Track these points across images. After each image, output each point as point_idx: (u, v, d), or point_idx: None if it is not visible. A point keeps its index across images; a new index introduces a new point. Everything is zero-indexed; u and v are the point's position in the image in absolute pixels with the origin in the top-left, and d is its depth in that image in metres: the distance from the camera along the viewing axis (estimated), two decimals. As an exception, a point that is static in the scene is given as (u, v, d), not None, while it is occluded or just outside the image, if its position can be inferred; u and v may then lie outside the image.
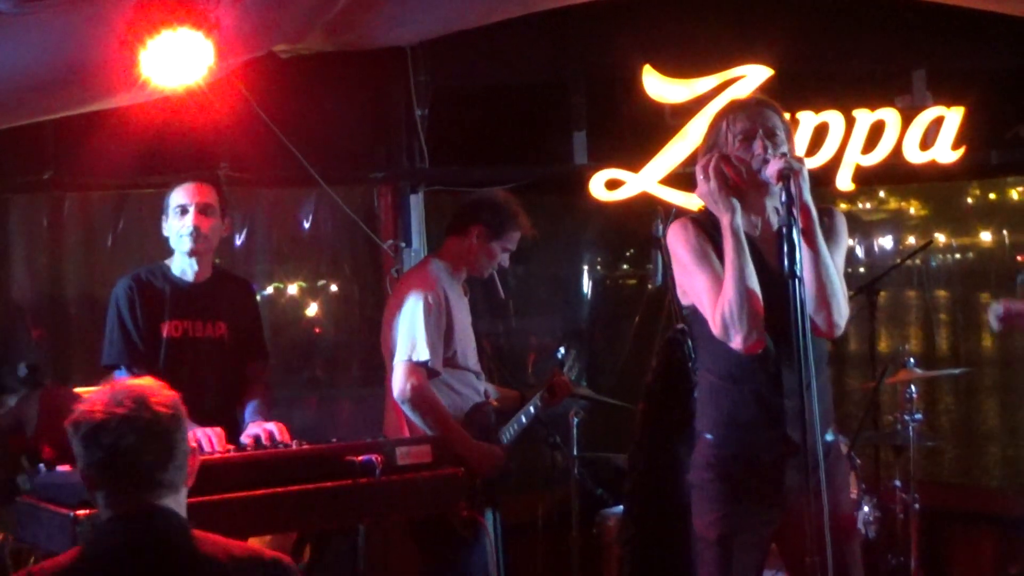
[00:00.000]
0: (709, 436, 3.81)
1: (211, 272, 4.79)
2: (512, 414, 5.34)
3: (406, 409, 4.99)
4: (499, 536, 5.33)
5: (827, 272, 3.67)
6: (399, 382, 4.95)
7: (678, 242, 3.77)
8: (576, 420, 5.96)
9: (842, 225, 3.84)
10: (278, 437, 4.32)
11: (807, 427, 3.40)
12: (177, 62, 4.31)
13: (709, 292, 3.65)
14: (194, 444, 2.91)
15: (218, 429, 4.21)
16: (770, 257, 3.66)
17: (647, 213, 6.51)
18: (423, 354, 4.93)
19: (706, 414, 3.85)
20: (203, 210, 4.62)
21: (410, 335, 4.96)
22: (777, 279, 3.55)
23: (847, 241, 3.86)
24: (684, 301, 3.85)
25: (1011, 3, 5.93)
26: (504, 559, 5.41)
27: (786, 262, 3.43)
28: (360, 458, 4.10)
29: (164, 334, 4.63)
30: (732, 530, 3.73)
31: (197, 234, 4.59)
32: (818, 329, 3.68)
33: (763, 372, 3.68)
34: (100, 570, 2.63)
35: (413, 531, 5.05)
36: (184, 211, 4.61)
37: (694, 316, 3.80)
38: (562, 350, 5.82)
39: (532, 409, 5.35)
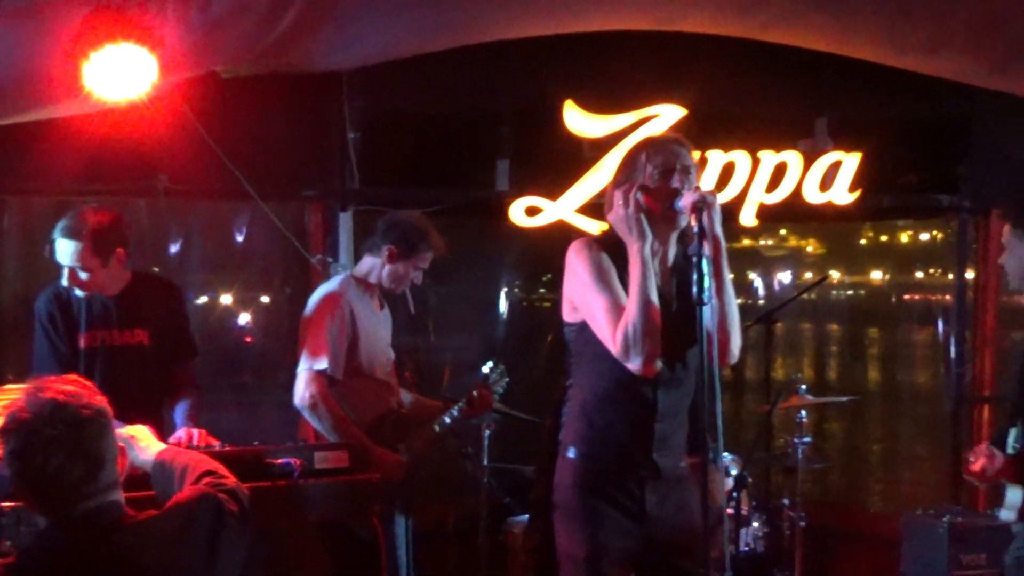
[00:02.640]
0: (573, 451, 3.73)
1: (128, 281, 4.73)
2: (429, 422, 5.29)
3: (306, 415, 4.97)
4: (410, 542, 5.28)
5: (729, 302, 3.67)
6: (299, 390, 4.91)
7: (580, 260, 3.66)
8: (488, 432, 5.94)
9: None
10: (196, 441, 4.26)
11: (704, 448, 3.33)
12: (121, 76, 4.26)
13: (608, 313, 3.56)
14: (122, 444, 2.85)
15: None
16: (665, 286, 3.65)
17: (563, 240, 6.49)
18: (323, 363, 4.90)
19: (574, 428, 3.76)
20: (73, 271, 4.56)
21: (312, 345, 4.93)
22: (670, 307, 3.56)
23: None
24: (570, 318, 3.74)
25: (908, 59, 6.04)
26: (415, 564, 5.36)
27: (695, 289, 3.35)
28: (279, 461, 4.05)
29: (82, 345, 4.60)
30: (599, 548, 3.63)
31: (77, 285, 4.57)
32: (717, 357, 3.64)
33: (640, 395, 3.64)
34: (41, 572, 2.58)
35: (320, 534, 4.97)
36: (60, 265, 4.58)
37: (578, 333, 3.72)
38: (489, 364, 5.79)
39: (447, 419, 5.31)
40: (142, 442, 3.32)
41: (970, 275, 6.81)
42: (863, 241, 13.65)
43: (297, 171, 6.24)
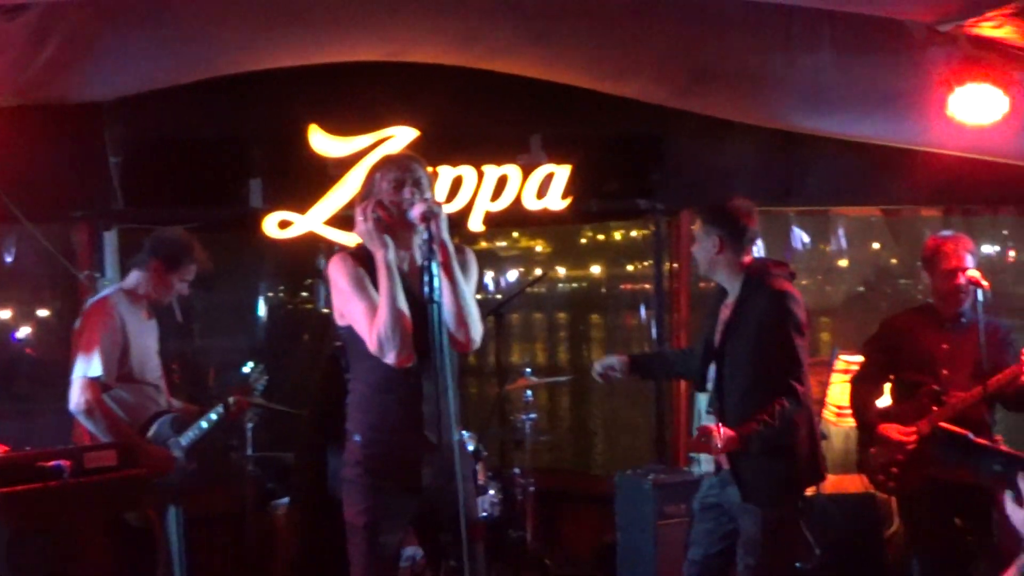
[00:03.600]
0: (358, 437, 3.85)
1: None
2: (193, 423, 5.24)
3: (82, 420, 4.90)
4: (181, 530, 5.22)
5: (463, 298, 3.79)
6: (75, 396, 4.85)
7: (338, 272, 3.78)
8: (251, 425, 5.92)
9: (472, 261, 3.96)
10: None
11: (442, 428, 3.51)
12: None
13: (366, 315, 3.70)
14: None
15: None
16: (415, 286, 3.73)
17: (315, 249, 6.53)
18: (96, 370, 4.84)
19: (356, 418, 3.89)
20: None
21: (85, 354, 4.86)
22: (421, 305, 3.64)
23: (476, 273, 3.96)
24: (341, 323, 3.85)
25: (606, 83, 6.29)
26: (186, 550, 5.31)
27: (427, 290, 3.52)
28: (50, 463, 3.97)
29: None
30: (377, 518, 3.78)
31: None
32: (459, 344, 3.81)
33: (406, 383, 3.76)
34: None
35: (95, 529, 4.87)
36: None
37: (350, 335, 3.83)
38: (250, 365, 5.77)
39: (214, 416, 5.29)
40: None
41: (670, 267, 7.00)
42: (583, 240, 14.10)
43: (63, 194, 6.05)
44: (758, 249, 6.94)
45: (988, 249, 7.64)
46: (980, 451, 2.92)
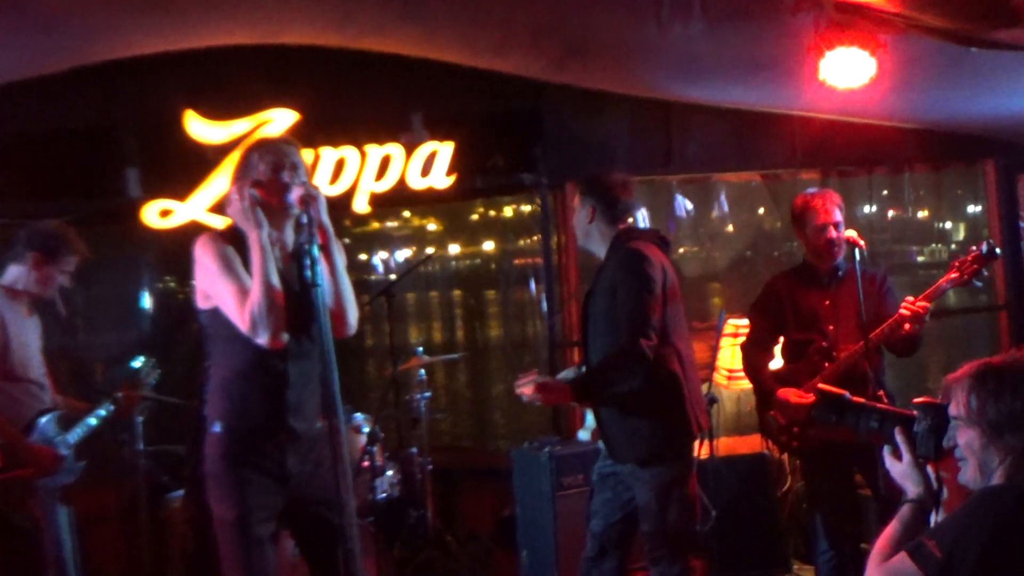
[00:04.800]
0: (217, 426, 3.78)
1: None
2: (80, 420, 5.16)
3: None
4: (73, 529, 5.15)
5: (342, 282, 3.80)
6: None
7: (206, 252, 3.70)
8: (140, 420, 5.85)
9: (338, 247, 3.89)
10: None
11: (332, 412, 3.45)
12: None
13: (235, 296, 3.63)
14: None
15: None
16: (287, 269, 3.71)
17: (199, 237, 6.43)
18: None
19: (216, 404, 3.82)
20: None
21: None
22: (292, 287, 3.64)
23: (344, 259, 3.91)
24: (204, 305, 3.77)
25: (483, 59, 6.32)
26: (80, 549, 5.24)
27: (308, 273, 3.47)
28: (-70, 467, 3.89)
29: None
30: (246, 510, 3.71)
31: None
32: (336, 329, 3.76)
33: (272, 367, 3.72)
34: None
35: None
36: None
37: (213, 318, 3.76)
38: (141, 359, 5.68)
39: (102, 412, 5.21)
40: None
41: (558, 240, 7.05)
42: (475, 217, 14.09)
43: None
44: (643, 218, 7.08)
45: (867, 209, 7.85)
46: (857, 409, 3.02)
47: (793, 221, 5.28)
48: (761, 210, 8.18)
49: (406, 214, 13.52)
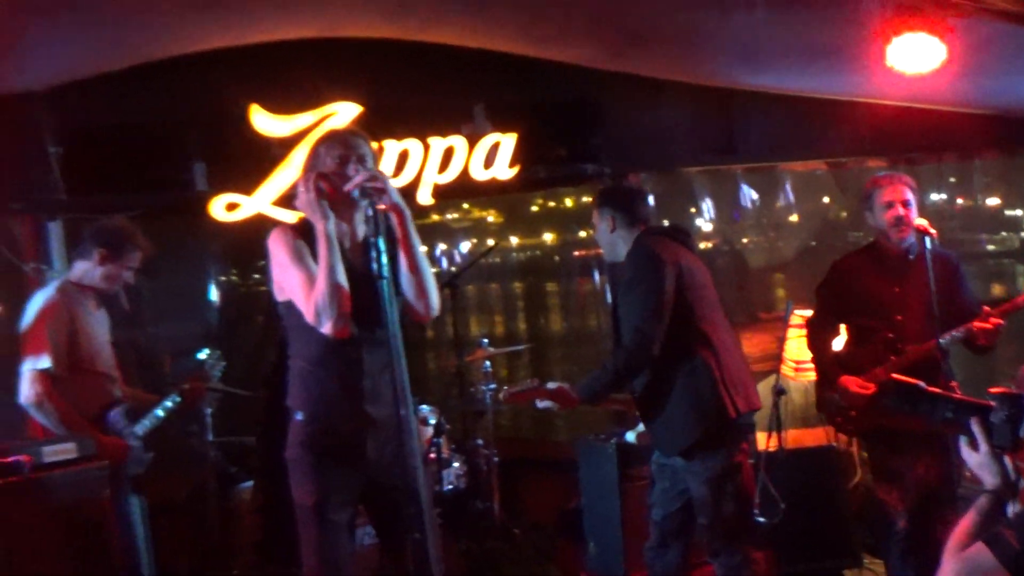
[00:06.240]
0: (299, 414, 3.84)
1: None
2: (148, 411, 5.25)
3: (32, 413, 4.91)
4: (145, 520, 5.24)
5: (421, 267, 3.81)
6: (25, 389, 4.85)
7: (278, 245, 3.77)
8: (209, 411, 5.92)
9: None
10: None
11: (399, 402, 3.45)
12: None
13: (304, 286, 3.67)
14: None
15: None
16: (356, 260, 3.75)
17: (265, 230, 6.51)
18: (45, 362, 4.85)
19: (296, 395, 3.88)
20: None
21: (33, 346, 4.87)
22: (361, 279, 3.66)
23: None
24: (280, 297, 3.83)
25: (542, 48, 6.33)
26: (151, 538, 5.33)
27: (375, 266, 3.48)
28: (8, 459, 3.98)
29: None
30: (324, 496, 3.77)
31: None
32: (418, 315, 3.85)
33: (346, 356, 3.76)
34: None
35: (53, 524, 4.88)
36: None
37: (288, 310, 3.81)
38: (206, 351, 5.76)
39: (169, 403, 5.28)
40: None
41: None
42: (535, 208, 14.14)
43: (2, 186, 6.02)
44: (707, 208, 7.07)
45: (935, 197, 7.76)
46: (932, 399, 2.99)
47: (863, 203, 5.18)
48: (826, 199, 8.13)
49: (465, 206, 13.59)
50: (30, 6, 5.00)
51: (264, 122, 6.24)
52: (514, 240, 14.29)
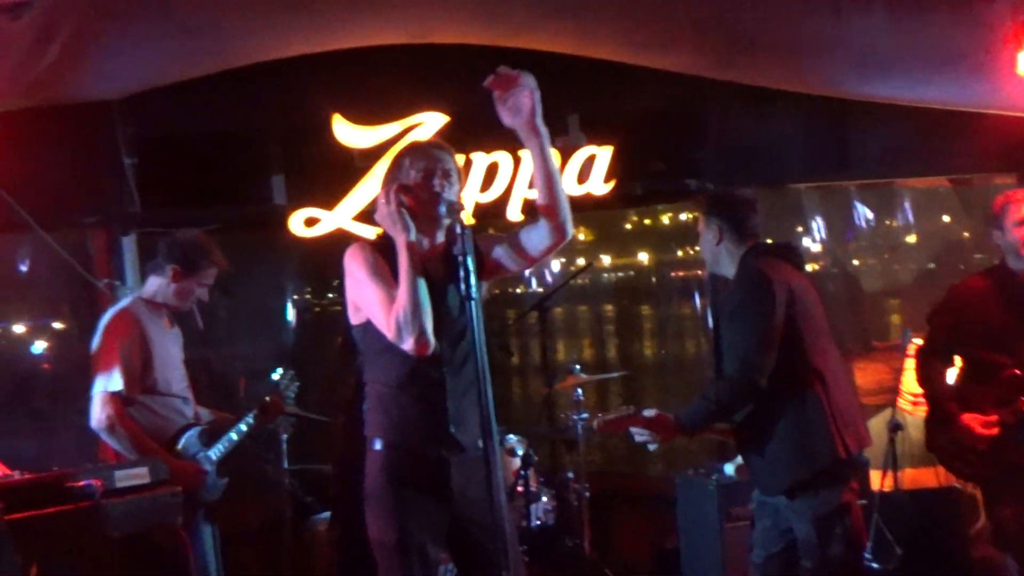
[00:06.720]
0: (378, 443, 3.83)
1: None
2: (223, 435, 5.31)
3: (104, 436, 4.99)
4: (217, 548, 5.30)
5: (555, 181, 3.83)
6: (96, 412, 4.93)
7: (355, 261, 3.78)
8: (285, 436, 5.98)
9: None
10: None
11: (486, 423, 3.38)
12: None
13: (383, 303, 3.67)
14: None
15: None
16: (437, 276, 3.76)
17: (344, 247, 6.58)
18: (117, 384, 4.91)
19: (375, 421, 3.87)
20: None
21: (105, 367, 4.94)
22: (443, 295, 3.70)
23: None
24: (355, 320, 3.84)
25: (642, 56, 6.31)
26: (223, 567, 5.39)
27: (463, 286, 3.44)
28: (80, 483, 4.05)
29: None
30: (408, 533, 3.74)
31: None
32: (554, 237, 3.85)
33: (428, 377, 3.76)
34: None
35: (125, 551, 4.96)
36: None
37: (364, 332, 3.82)
38: (279, 371, 5.82)
39: (243, 427, 5.31)
40: None
41: None
42: (628, 226, 14.08)
43: (76, 199, 6.13)
44: (818, 227, 6.98)
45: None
46: None
47: (991, 223, 5.07)
48: (947, 218, 7.98)
49: (555, 223, 13.56)
50: (106, 12, 5.11)
51: (346, 133, 6.28)
52: (606, 260, 14.22)
